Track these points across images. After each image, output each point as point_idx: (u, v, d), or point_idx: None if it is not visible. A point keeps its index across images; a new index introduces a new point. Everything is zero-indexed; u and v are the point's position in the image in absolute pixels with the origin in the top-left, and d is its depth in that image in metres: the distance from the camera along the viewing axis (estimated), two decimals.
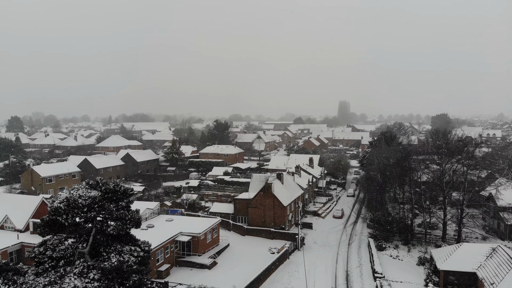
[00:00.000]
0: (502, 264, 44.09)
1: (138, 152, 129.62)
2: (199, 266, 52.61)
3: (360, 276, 52.48)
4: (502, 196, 58.03)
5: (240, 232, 67.97)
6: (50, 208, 32.38)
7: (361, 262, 57.13)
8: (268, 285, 49.21)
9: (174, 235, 54.02)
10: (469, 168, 55.19)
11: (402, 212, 67.88)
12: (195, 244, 55.22)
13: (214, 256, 55.55)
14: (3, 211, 57.73)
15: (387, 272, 51.78)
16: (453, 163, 57.63)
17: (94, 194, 33.09)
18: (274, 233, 65.08)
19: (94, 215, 31.91)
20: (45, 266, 31.10)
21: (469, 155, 54.78)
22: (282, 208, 67.90)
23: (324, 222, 78.08)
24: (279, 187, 72.12)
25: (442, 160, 56.64)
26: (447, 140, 55.89)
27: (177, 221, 61.01)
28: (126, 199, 35.02)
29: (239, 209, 72.59)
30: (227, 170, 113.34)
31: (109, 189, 34.32)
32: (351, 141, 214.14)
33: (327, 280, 51.34)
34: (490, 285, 41.81)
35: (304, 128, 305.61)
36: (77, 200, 32.14)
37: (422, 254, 55.90)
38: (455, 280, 47.10)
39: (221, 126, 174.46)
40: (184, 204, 79.54)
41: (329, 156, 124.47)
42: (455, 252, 48.96)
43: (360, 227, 73.56)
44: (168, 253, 52.48)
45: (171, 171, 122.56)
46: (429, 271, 50.20)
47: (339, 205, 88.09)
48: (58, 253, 31.58)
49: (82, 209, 31.51)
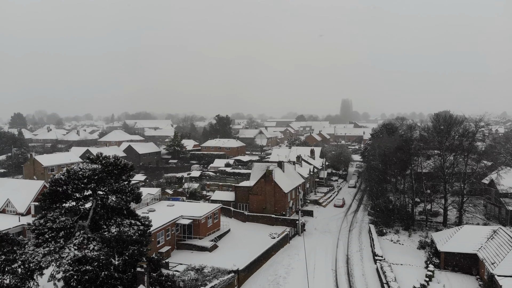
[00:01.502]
0: (503, 244, 43.98)
1: (140, 144, 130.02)
2: (199, 248, 52.71)
3: (361, 259, 52.44)
4: (503, 181, 57.78)
5: (241, 219, 68.06)
6: (51, 180, 32.54)
7: (362, 247, 57.08)
8: (268, 266, 49.28)
9: (175, 218, 54.16)
10: (470, 152, 54.98)
11: (404, 200, 67.73)
12: (196, 227, 55.36)
13: (215, 240, 55.66)
14: (5, 195, 58.05)
15: (387, 255, 51.68)
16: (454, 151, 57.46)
17: (94, 167, 33.23)
18: (275, 219, 65.12)
19: (94, 186, 32.01)
20: (45, 237, 31.22)
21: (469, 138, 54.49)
22: (283, 195, 67.93)
23: (325, 210, 78.07)
24: (280, 174, 72.15)
25: (442, 145, 56.45)
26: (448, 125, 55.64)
27: (178, 206, 61.16)
28: (126, 173, 35.13)
29: (240, 196, 72.67)
30: (228, 162, 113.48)
31: (109, 163, 34.44)
32: (353, 137, 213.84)
33: (327, 262, 51.35)
34: (491, 264, 41.70)
35: (306, 125, 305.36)
36: (77, 172, 32.29)
37: (423, 239, 55.77)
38: (456, 261, 47.00)
39: (223, 121, 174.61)
40: (186, 192, 79.72)
41: (330, 149, 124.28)
42: (456, 234, 48.86)
43: (361, 215, 73.49)
44: (169, 235, 52.59)
45: (173, 164, 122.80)
46: (430, 253, 50.09)
47: (340, 195, 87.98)
48: (58, 224, 31.71)
49: (82, 180, 31.63)
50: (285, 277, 46.05)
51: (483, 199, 64.95)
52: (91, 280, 28.01)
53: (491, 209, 65.28)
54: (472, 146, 55.01)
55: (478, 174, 63.29)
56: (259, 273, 47.24)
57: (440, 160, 57.01)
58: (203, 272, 42.87)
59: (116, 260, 29.21)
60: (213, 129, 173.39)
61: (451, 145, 56.07)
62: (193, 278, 40.45)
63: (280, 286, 43.60)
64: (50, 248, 30.09)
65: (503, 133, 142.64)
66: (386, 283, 42.16)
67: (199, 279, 40.61)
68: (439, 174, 57.73)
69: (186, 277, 40.75)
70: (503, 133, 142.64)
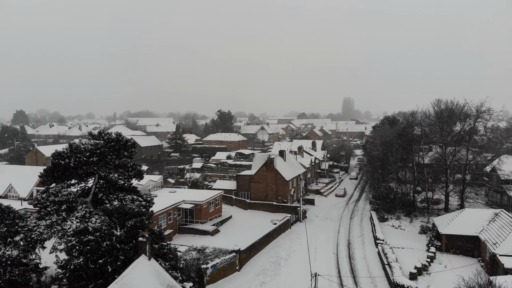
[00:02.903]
0: (505, 226, 43.92)
1: (142, 137, 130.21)
2: (201, 232, 52.80)
3: (362, 244, 52.46)
4: (504, 166, 57.61)
5: (242, 207, 68.12)
6: (53, 153, 32.68)
7: (363, 232, 57.09)
8: (269, 249, 49.38)
9: (177, 202, 54.27)
10: (471, 138, 54.86)
11: (405, 189, 67.64)
12: (197, 212, 55.46)
13: (217, 225, 55.74)
14: (7, 181, 58.34)
15: (389, 240, 51.61)
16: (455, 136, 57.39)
17: (97, 142, 33.35)
18: (276, 206, 65.16)
19: (96, 160, 32.11)
20: (47, 210, 31.37)
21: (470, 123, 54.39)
22: (284, 182, 67.96)
23: (326, 200, 78.10)
24: (281, 163, 72.18)
25: (444, 131, 56.37)
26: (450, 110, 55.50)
27: (180, 193, 61.27)
28: (128, 149, 35.25)
29: (242, 185, 72.71)
30: (230, 154, 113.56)
31: (112, 139, 34.57)
32: (354, 133, 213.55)
33: (328, 246, 51.42)
34: (493, 245, 41.65)
35: (308, 122, 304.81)
36: (79, 146, 32.45)
37: (424, 224, 55.74)
38: (457, 244, 46.94)
39: (224, 116, 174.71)
40: (188, 182, 79.82)
41: (332, 142, 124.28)
42: (457, 217, 48.81)
43: (363, 204, 73.45)
44: (171, 219, 52.69)
45: (174, 157, 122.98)
46: (431, 236, 50.06)
47: (342, 186, 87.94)
48: (60, 198, 31.84)
49: (85, 153, 31.76)
50: (286, 259, 46.13)
51: (485, 186, 64.78)
52: (93, 250, 28.07)
53: (493, 196, 65.15)
54: (473, 130, 54.92)
55: (480, 164, 63.23)
56: (260, 254, 47.35)
57: (441, 145, 56.92)
58: (205, 252, 43.00)
59: (118, 231, 29.31)
60: (214, 125, 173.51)
61: (453, 131, 55.98)
62: (195, 258, 40.60)
63: (281, 267, 43.70)
64: (52, 220, 30.18)
65: (505, 127, 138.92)
66: (388, 264, 42.15)
67: (200, 258, 40.73)
68: (441, 160, 57.65)
69: (188, 256, 40.92)
70: (505, 127, 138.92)
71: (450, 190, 57.95)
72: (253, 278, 40.94)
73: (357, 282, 40.61)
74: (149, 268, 27.23)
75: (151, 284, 26.02)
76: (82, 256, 28.32)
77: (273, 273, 42.07)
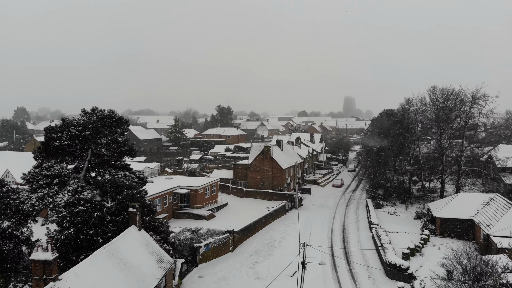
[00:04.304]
0: (499, 208, 43.94)
1: (141, 131, 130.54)
2: (197, 217, 52.94)
3: (357, 229, 52.52)
4: (500, 153, 57.56)
5: (239, 195, 68.23)
6: (46, 127, 32.84)
7: (358, 219, 57.14)
8: (264, 232, 49.51)
9: (173, 187, 54.45)
10: (466, 124, 54.84)
11: (402, 178, 67.62)
12: (193, 197, 55.61)
13: (212, 210, 55.86)
14: (4, 166, 58.67)
15: (383, 225, 51.54)
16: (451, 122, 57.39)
17: (89, 117, 33.49)
18: (273, 194, 65.24)
19: (88, 134, 32.24)
20: (39, 183, 31.46)
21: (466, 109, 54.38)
22: (281, 170, 68.06)
23: (323, 189, 78.15)
24: (278, 152, 72.31)
25: (439, 117, 56.36)
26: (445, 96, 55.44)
27: (176, 179, 61.45)
28: (121, 125, 35.39)
29: (239, 174, 72.88)
30: (228, 147, 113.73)
31: (105, 115, 34.70)
32: (354, 130, 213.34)
33: (323, 231, 51.49)
34: (487, 226, 41.69)
35: (308, 120, 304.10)
36: (72, 121, 32.61)
37: (419, 210, 55.70)
38: (452, 227, 46.97)
39: (224, 111, 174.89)
40: (185, 172, 79.98)
41: (331, 136, 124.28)
42: (452, 201, 48.84)
43: (359, 194, 73.47)
44: (166, 203, 52.86)
45: (173, 150, 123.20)
46: (425, 220, 50.10)
47: (339, 177, 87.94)
48: (53, 172, 31.95)
49: (77, 127, 31.90)
50: (280, 241, 46.23)
51: (482, 176, 64.71)
52: (84, 221, 28.22)
53: (490, 184, 65.11)
54: (469, 116, 54.87)
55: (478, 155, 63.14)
56: (255, 237, 47.48)
57: (437, 132, 56.90)
58: (199, 233, 43.15)
59: (109, 203, 29.45)
60: (214, 120, 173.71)
61: (448, 117, 55.97)
62: (188, 238, 40.73)
63: (275, 248, 43.82)
64: (44, 193, 30.33)
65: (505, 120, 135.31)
66: (381, 245, 42.20)
67: (194, 238, 40.87)
68: (437, 147, 57.63)
69: (182, 236, 41.04)
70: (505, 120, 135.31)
71: (446, 177, 57.91)
72: (246, 258, 41.06)
73: (350, 263, 40.67)
74: (138, 238, 27.37)
75: (140, 252, 26.16)
76: (73, 227, 28.48)
77: (267, 253, 42.18)
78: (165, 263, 27.28)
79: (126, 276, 23.03)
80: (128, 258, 24.49)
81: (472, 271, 27.22)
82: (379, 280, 36.80)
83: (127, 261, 24.10)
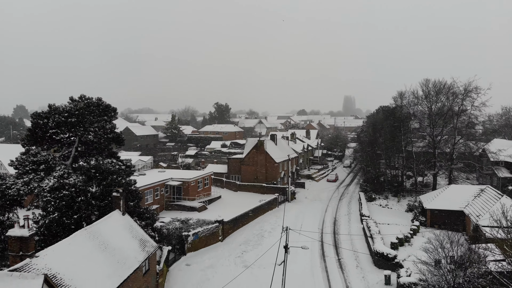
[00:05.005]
0: (489, 199, 43.92)
1: (137, 126, 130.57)
2: (188, 209, 52.94)
3: (348, 221, 52.53)
4: (492, 145, 57.49)
5: (233, 189, 68.24)
6: (32, 114, 32.85)
7: (350, 211, 57.13)
8: (254, 224, 49.58)
9: (165, 179, 54.43)
10: (459, 116, 54.81)
11: (395, 172, 67.58)
12: (185, 189, 55.61)
13: (205, 202, 55.86)
14: None
15: (375, 217, 51.54)
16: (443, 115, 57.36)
17: (76, 103, 33.50)
18: (266, 188, 65.24)
19: (75, 121, 32.25)
20: (25, 169, 31.52)
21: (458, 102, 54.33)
22: (274, 164, 68.06)
23: (317, 184, 78.14)
24: (272, 146, 72.32)
25: (432, 110, 56.32)
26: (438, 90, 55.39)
27: (169, 172, 61.45)
28: (108, 113, 35.41)
29: (233, 168, 72.88)
30: (224, 143, 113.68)
31: (92, 103, 34.72)
32: (352, 128, 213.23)
33: (314, 223, 51.52)
34: (477, 217, 41.66)
35: (307, 119, 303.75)
36: (58, 107, 32.61)
37: (411, 203, 55.70)
38: (442, 219, 46.91)
39: (221, 108, 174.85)
40: (180, 166, 79.99)
41: (327, 132, 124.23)
42: (442, 193, 48.84)
43: (353, 188, 73.47)
44: (158, 195, 52.83)
45: (170, 146, 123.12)
46: (416, 212, 50.08)
47: (334, 173, 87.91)
48: (39, 158, 32.00)
49: (63, 113, 31.92)
50: (270, 231, 46.28)
51: (476, 171, 64.67)
52: (68, 206, 28.24)
53: (484, 178, 65.06)
54: (461, 110, 54.85)
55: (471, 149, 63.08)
56: (245, 228, 47.54)
57: (430, 125, 56.88)
58: (188, 222, 43.23)
59: (94, 188, 29.47)
60: (211, 117, 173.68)
61: (441, 110, 55.95)
62: (177, 227, 40.76)
63: (264, 238, 43.87)
64: (30, 178, 30.36)
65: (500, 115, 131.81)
66: (370, 236, 42.22)
67: (183, 227, 40.93)
68: (429, 139, 57.58)
69: (171, 226, 41.08)
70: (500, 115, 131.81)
71: (438, 170, 57.87)
72: (235, 247, 41.11)
73: (339, 254, 40.69)
74: (121, 222, 27.36)
75: (123, 235, 26.15)
76: (57, 212, 28.49)
77: (256, 243, 42.23)
78: (148, 247, 27.28)
79: (107, 257, 23.02)
80: (110, 240, 24.49)
81: (460, 259, 27.31)
82: (367, 269, 36.85)
83: (108, 243, 24.10)
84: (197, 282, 32.88)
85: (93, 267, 21.57)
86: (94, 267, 21.62)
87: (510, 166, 59.59)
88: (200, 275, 34.24)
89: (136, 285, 24.58)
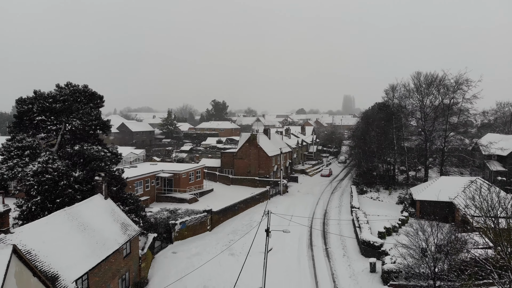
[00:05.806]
0: (478, 190, 43.80)
1: (133, 122, 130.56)
2: (179, 200, 52.92)
3: (338, 213, 52.55)
4: (483, 139, 57.50)
5: (226, 182, 68.26)
6: (17, 100, 32.84)
7: (341, 204, 57.14)
8: (244, 215, 49.62)
9: (155, 171, 54.45)
10: (450, 108, 54.81)
11: (387, 166, 67.60)
12: (176, 181, 55.59)
13: (196, 195, 55.83)
14: None
15: (365, 209, 51.54)
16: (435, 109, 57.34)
17: (61, 90, 33.49)
18: (259, 181, 65.26)
19: (60, 107, 32.23)
20: (10, 154, 31.50)
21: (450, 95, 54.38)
22: (267, 158, 68.05)
23: (311, 178, 78.13)
24: (265, 140, 72.31)
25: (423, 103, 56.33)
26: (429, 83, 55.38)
27: (161, 165, 61.46)
28: (94, 101, 35.40)
29: (226, 162, 72.89)
30: (220, 139, 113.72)
31: (77, 89, 34.72)
32: (349, 126, 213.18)
33: (305, 214, 51.45)
34: (465, 207, 41.59)
35: (306, 117, 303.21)
36: (44, 93, 32.59)
37: (402, 195, 55.70)
38: (432, 210, 46.81)
39: (219, 106, 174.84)
40: (174, 160, 79.98)
41: (323, 129, 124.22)
42: (432, 184, 48.85)
43: (346, 183, 73.43)
44: (148, 187, 52.85)
45: (166, 142, 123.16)
46: (406, 203, 50.09)
47: (328, 168, 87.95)
48: (24, 144, 31.98)
49: (48, 99, 31.90)
50: (259, 222, 46.17)
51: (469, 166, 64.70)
52: (50, 190, 28.24)
53: (476, 170, 65.11)
54: (452, 103, 54.87)
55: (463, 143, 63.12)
56: (235, 218, 47.59)
57: (421, 118, 56.88)
58: (177, 212, 43.19)
59: (77, 172, 29.47)
60: (209, 115, 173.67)
61: (432, 103, 56.01)
62: (165, 216, 40.74)
63: (253, 228, 43.78)
64: (14, 162, 30.35)
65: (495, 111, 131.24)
66: (358, 226, 42.24)
67: (171, 217, 40.89)
68: (421, 133, 57.59)
69: (159, 215, 41.05)
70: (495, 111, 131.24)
71: (430, 162, 57.88)
72: (223, 236, 41.14)
73: (326, 243, 40.72)
74: (103, 206, 27.37)
75: (104, 218, 26.16)
76: (40, 196, 28.50)
77: (244, 232, 42.19)
78: (130, 231, 27.29)
79: (85, 238, 23.03)
80: (90, 222, 24.50)
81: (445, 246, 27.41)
82: (353, 257, 36.90)
83: (87, 224, 24.11)
84: (181, 269, 32.86)
85: (70, 246, 21.58)
86: (72, 247, 21.63)
87: (502, 160, 59.65)
88: (186, 262, 34.24)
89: (115, 267, 24.59)
